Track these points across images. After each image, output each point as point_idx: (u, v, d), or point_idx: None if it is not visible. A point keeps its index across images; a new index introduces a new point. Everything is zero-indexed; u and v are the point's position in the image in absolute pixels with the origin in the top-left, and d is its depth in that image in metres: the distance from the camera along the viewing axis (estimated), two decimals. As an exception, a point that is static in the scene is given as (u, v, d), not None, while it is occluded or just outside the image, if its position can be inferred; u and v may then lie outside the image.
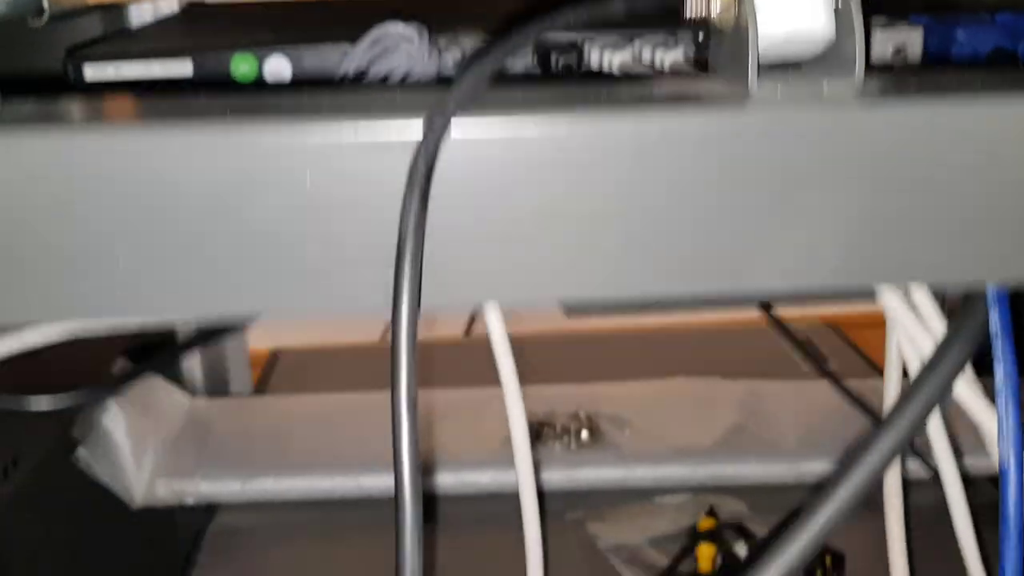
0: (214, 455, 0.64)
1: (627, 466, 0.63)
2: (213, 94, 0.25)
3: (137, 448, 0.60)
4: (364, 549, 0.57)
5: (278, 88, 0.37)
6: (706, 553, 0.52)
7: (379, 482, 0.61)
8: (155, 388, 0.67)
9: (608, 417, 0.68)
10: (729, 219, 0.23)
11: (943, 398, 0.24)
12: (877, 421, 0.31)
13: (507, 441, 0.66)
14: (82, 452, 0.59)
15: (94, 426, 0.59)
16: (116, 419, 0.60)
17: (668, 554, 0.52)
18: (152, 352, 0.62)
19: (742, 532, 0.53)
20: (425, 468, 0.63)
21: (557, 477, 0.62)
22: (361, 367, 0.69)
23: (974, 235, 0.23)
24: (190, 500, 0.61)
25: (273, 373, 0.84)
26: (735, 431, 0.65)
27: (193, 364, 0.80)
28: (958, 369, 0.24)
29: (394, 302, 0.22)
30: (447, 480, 0.62)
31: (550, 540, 0.37)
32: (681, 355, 0.82)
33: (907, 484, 0.39)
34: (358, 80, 0.37)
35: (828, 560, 0.50)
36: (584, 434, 0.66)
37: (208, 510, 0.62)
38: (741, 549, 0.53)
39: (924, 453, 0.61)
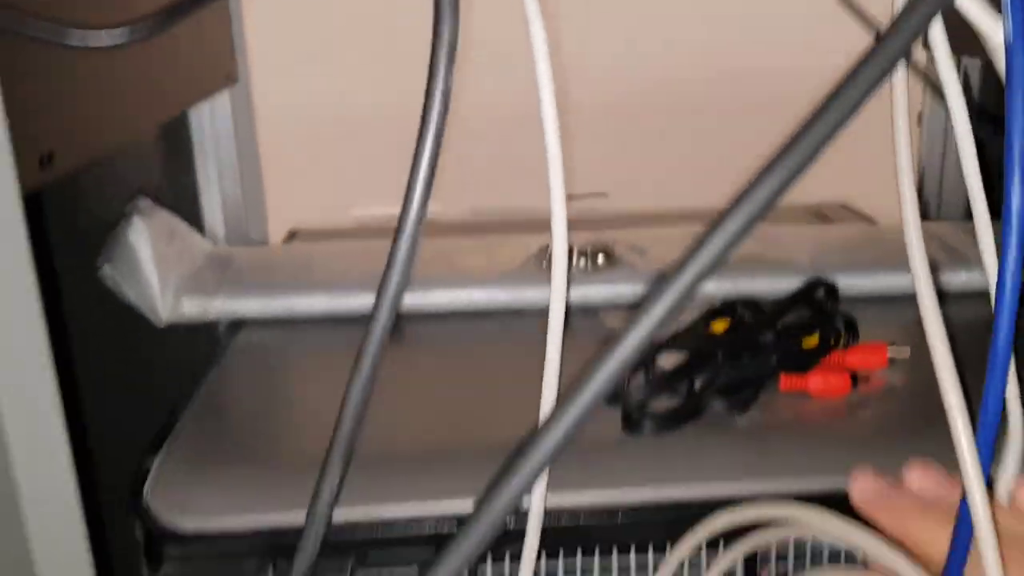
0: (237, 276, 0.65)
1: (642, 283, 0.63)
2: None
3: (162, 266, 0.61)
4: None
5: None
6: (719, 324, 0.53)
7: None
8: (178, 226, 0.68)
9: (626, 245, 0.68)
10: None
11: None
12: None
13: (522, 262, 0.67)
14: (108, 269, 0.60)
15: (119, 243, 0.60)
16: (141, 234, 0.61)
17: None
18: None
19: (753, 306, 0.54)
20: (443, 287, 0.64)
21: (573, 294, 0.63)
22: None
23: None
24: (214, 316, 0.63)
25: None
26: (753, 256, 0.65)
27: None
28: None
29: None
30: (464, 297, 0.63)
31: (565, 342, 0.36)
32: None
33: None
34: None
35: (842, 326, 0.50)
36: (601, 258, 0.66)
37: (232, 328, 0.63)
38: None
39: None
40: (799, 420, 0.49)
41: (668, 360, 0.51)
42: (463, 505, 0.42)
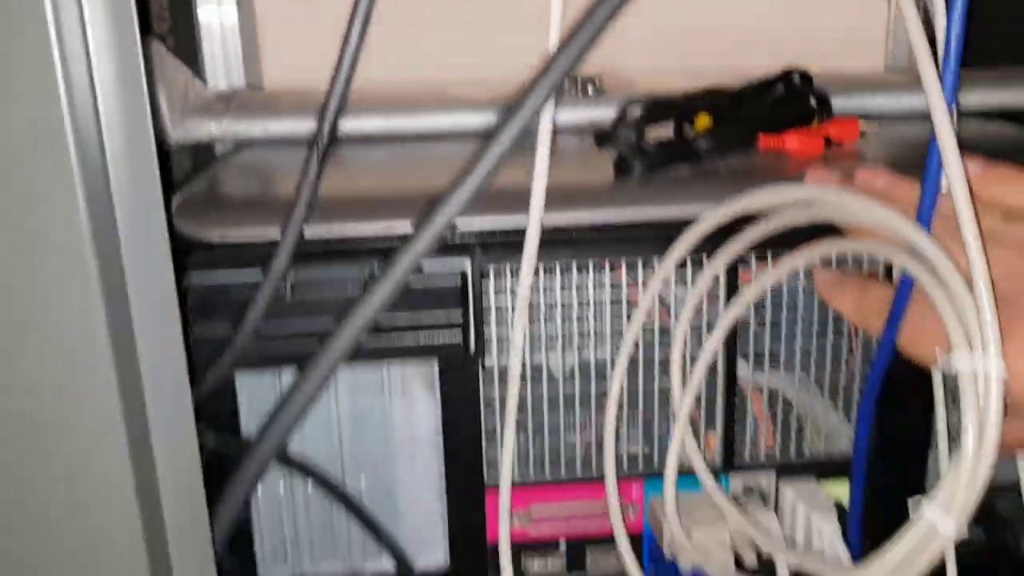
0: (241, 104, 0.68)
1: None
2: None
3: (171, 86, 0.64)
4: (373, 182, 0.60)
5: None
6: (703, 121, 0.56)
7: (387, 123, 0.65)
8: (182, 67, 0.71)
9: (614, 77, 0.71)
10: None
11: None
12: None
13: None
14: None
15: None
16: (154, 59, 0.63)
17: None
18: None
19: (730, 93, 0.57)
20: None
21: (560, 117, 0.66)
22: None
23: None
24: (219, 135, 0.65)
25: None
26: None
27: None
28: None
29: None
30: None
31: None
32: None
33: None
34: None
35: (816, 103, 0.54)
36: (590, 89, 0.69)
37: (237, 147, 0.66)
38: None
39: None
40: (778, 169, 0.52)
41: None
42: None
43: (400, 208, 0.47)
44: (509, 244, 0.46)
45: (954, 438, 0.37)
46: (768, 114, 0.54)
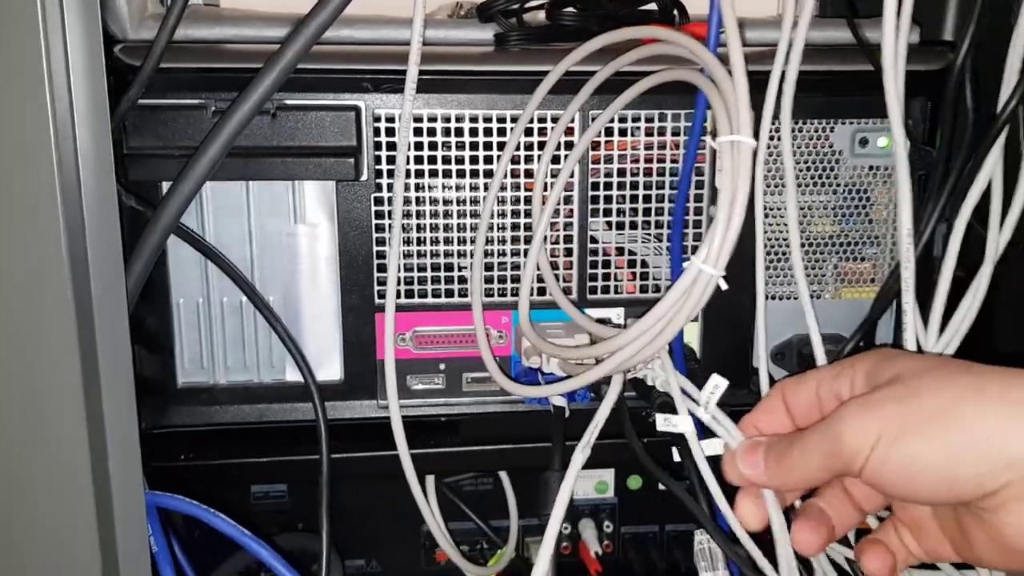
0: (193, 13, 0.77)
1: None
2: None
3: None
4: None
5: None
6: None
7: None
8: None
9: None
10: None
11: None
12: None
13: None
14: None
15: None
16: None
17: None
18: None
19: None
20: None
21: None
22: None
23: None
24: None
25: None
26: None
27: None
28: None
29: None
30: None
31: None
32: None
33: None
34: None
35: (672, 5, 0.63)
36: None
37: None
38: None
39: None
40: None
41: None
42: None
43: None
44: (399, 82, 0.55)
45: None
46: (631, 8, 0.64)
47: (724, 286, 0.47)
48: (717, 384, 0.52)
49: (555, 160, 0.57)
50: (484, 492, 0.80)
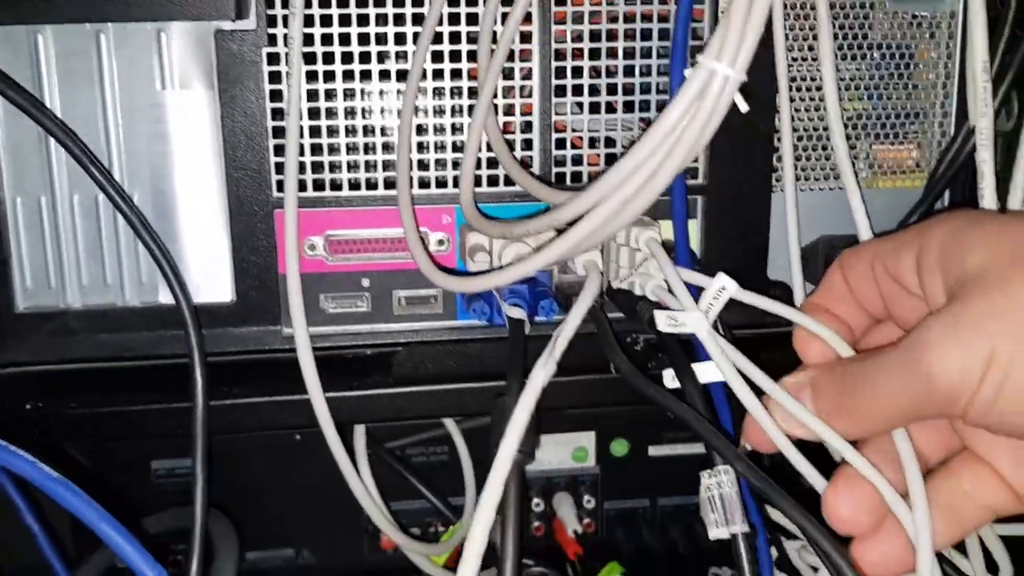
0: None
1: None
2: None
3: None
4: None
5: None
6: None
7: None
8: None
9: None
10: None
11: None
12: None
13: None
14: None
15: None
16: None
17: None
18: None
19: None
20: None
21: None
22: None
23: None
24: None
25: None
26: None
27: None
28: None
29: None
30: None
31: None
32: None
33: None
34: None
35: None
36: None
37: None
38: None
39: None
40: None
41: None
42: None
43: None
44: None
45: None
46: None
47: (743, 106, 0.33)
48: (723, 286, 0.39)
49: (506, 1, 0.43)
50: (437, 464, 0.66)
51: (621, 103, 0.46)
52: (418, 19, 0.44)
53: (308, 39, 0.43)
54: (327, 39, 0.44)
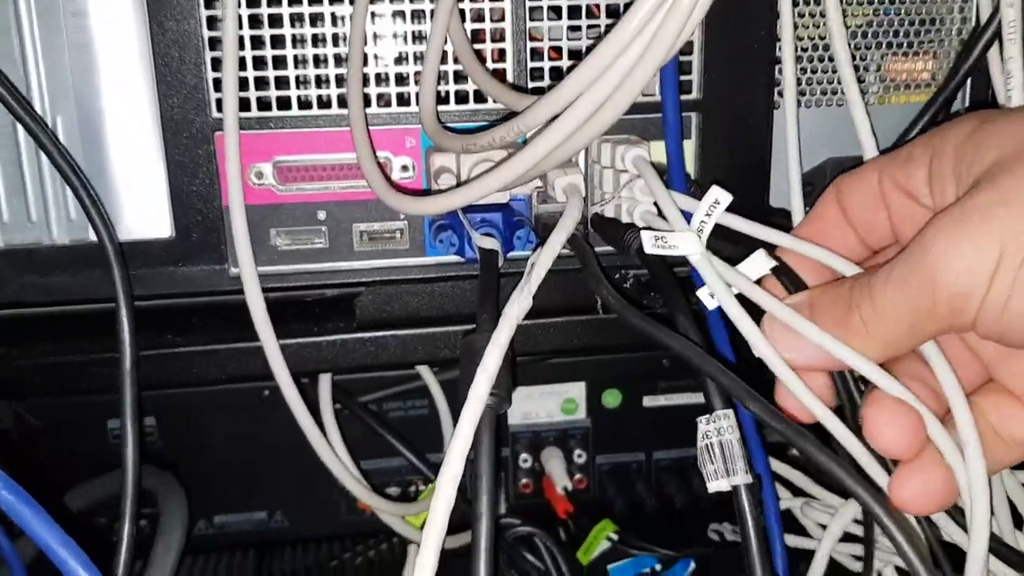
0: None
1: None
2: None
3: None
4: None
5: None
6: None
7: None
8: None
9: None
10: None
11: None
12: None
13: None
14: None
15: None
16: None
17: None
18: None
19: None
20: None
21: None
22: None
23: None
24: None
25: None
26: None
27: None
28: None
29: None
30: None
31: None
32: None
33: None
34: None
35: None
36: None
37: None
38: None
39: None
40: None
41: None
42: None
43: None
44: None
45: None
46: None
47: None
48: (717, 199, 0.34)
49: None
50: (417, 418, 0.61)
51: (603, 7, 0.41)
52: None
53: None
54: (268, -65, 0.38)
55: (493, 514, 0.31)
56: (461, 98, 0.41)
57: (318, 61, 0.40)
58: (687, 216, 0.35)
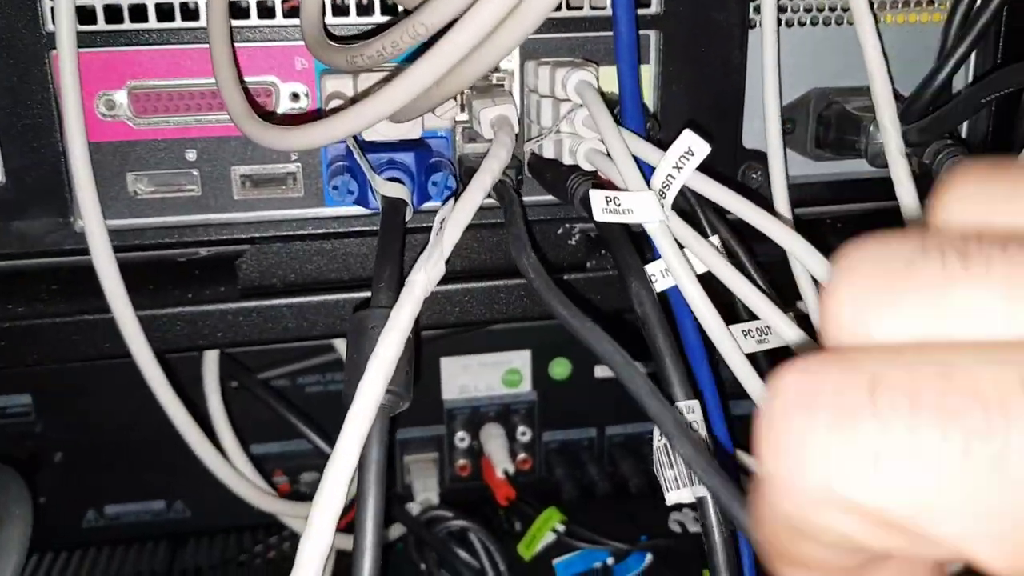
0: None
1: None
2: None
3: None
4: None
5: None
6: None
7: None
8: None
9: None
10: None
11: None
12: None
13: None
14: None
15: None
16: None
17: None
18: None
19: None
20: None
21: None
22: None
23: None
24: None
25: None
26: None
27: None
28: None
29: None
30: None
31: None
32: None
33: None
34: None
35: None
36: None
37: None
38: None
39: None
40: None
41: None
42: None
43: None
44: None
45: None
46: None
47: None
48: (690, 148, 0.26)
49: None
50: (338, 394, 0.54)
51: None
52: None
53: None
54: None
55: (379, 536, 0.24)
56: (366, 10, 0.32)
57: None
58: (644, 167, 0.27)
